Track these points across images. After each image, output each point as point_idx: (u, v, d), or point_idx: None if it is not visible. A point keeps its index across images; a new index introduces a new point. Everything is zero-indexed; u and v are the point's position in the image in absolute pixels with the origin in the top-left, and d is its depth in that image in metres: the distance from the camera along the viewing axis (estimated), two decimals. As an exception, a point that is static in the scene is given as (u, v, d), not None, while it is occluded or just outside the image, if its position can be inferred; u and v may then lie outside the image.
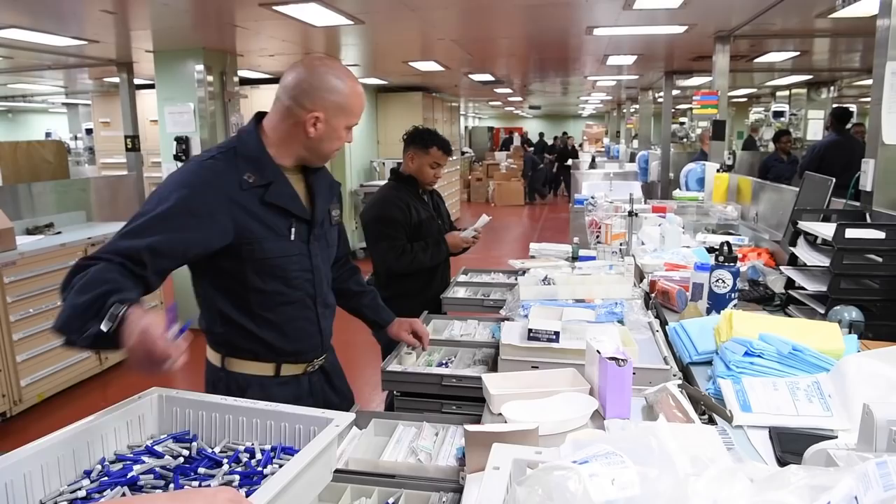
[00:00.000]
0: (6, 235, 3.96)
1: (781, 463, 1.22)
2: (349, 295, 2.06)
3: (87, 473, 1.07)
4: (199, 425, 1.23)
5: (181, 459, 1.12)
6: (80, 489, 1.02)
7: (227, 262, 1.60)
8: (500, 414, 1.42)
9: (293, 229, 1.66)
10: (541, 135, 21.74)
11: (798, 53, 6.90)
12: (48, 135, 13.43)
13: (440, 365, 2.04)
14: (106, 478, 1.05)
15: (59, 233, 4.66)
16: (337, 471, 1.28)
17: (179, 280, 5.81)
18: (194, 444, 1.17)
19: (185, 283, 1.71)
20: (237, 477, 1.07)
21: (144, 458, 1.11)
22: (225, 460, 1.12)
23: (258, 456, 1.14)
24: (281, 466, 1.00)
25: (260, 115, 1.70)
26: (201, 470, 1.09)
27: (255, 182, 1.59)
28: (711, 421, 1.41)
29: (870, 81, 2.68)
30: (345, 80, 1.62)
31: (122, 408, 1.19)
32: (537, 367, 1.71)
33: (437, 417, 1.59)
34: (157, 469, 1.08)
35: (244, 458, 1.14)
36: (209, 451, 1.16)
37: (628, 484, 0.73)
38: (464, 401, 1.85)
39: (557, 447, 0.99)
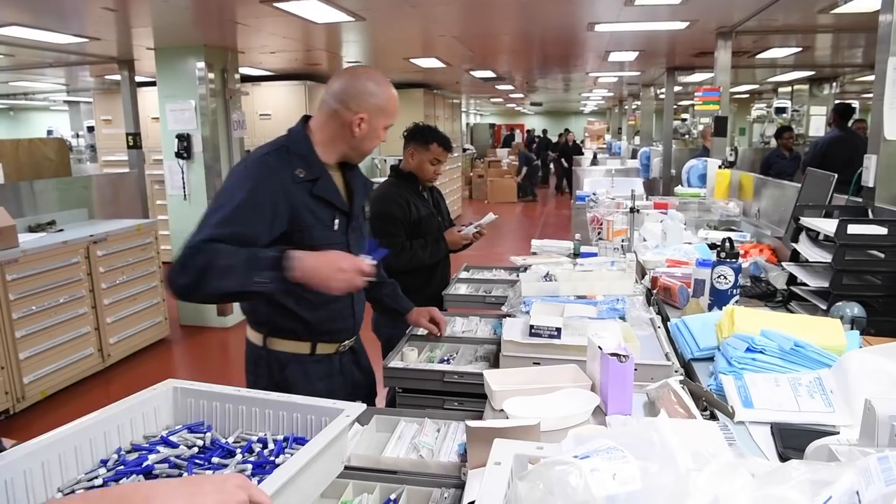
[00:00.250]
0: (8, 233, 3.96)
1: (783, 458, 1.22)
2: (370, 285, 2.09)
3: (104, 462, 1.09)
4: (214, 416, 1.25)
5: (195, 449, 1.14)
6: (96, 477, 1.04)
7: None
8: (502, 410, 1.42)
9: (336, 221, 1.84)
10: (544, 132, 21.68)
11: (800, 49, 6.88)
12: (50, 132, 13.45)
13: (442, 361, 2.04)
14: (122, 466, 1.07)
15: (61, 230, 4.67)
16: (339, 467, 1.29)
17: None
18: (208, 434, 1.18)
19: None
20: (249, 466, 1.08)
21: (159, 448, 1.12)
22: (238, 450, 1.14)
23: (270, 446, 1.15)
24: (292, 456, 1.01)
25: (306, 118, 1.90)
26: (215, 459, 1.11)
27: (305, 177, 1.77)
28: (713, 417, 1.41)
29: (872, 77, 2.67)
30: (383, 85, 1.85)
31: (138, 399, 1.20)
32: (539, 364, 1.71)
33: (438, 414, 1.59)
34: (172, 458, 1.09)
35: (257, 448, 1.15)
36: (223, 441, 1.17)
37: (629, 479, 0.73)
38: (465, 397, 1.86)
39: (559, 443, 1.00)
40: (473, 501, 0.95)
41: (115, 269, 4.72)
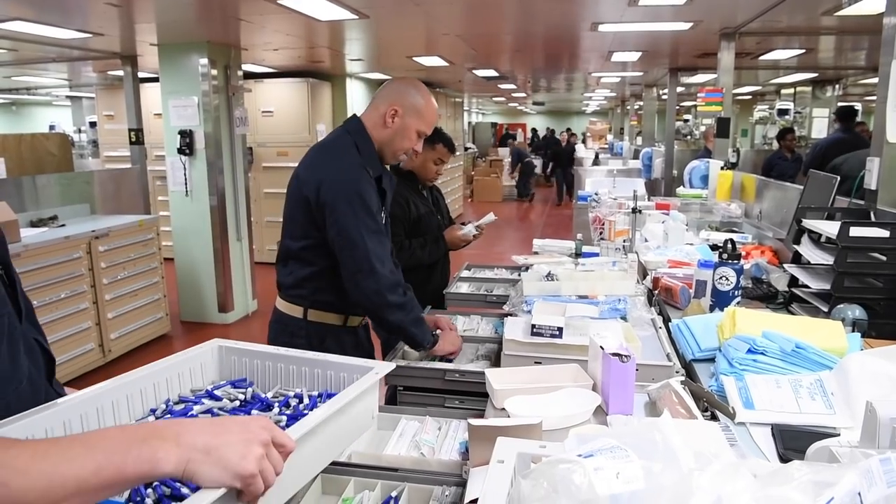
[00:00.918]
0: (11, 228, 3.96)
1: (784, 460, 1.23)
2: None
3: (153, 411, 1.17)
4: (255, 373, 1.32)
5: (237, 402, 1.20)
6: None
7: None
8: (504, 409, 1.42)
9: (384, 213, 2.04)
10: (551, 131, 21.40)
11: (803, 51, 6.88)
12: (52, 128, 13.47)
13: (443, 360, 2.05)
14: (168, 415, 1.15)
15: (63, 225, 4.67)
16: (340, 464, 1.29)
17: (182, 276, 5.83)
18: (249, 389, 1.25)
19: (186, 278, 1.76)
20: (284, 419, 1.14)
21: (204, 400, 1.20)
22: (276, 404, 1.21)
23: (305, 401, 1.21)
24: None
25: (356, 117, 2.05)
26: (254, 412, 1.17)
27: (373, 174, 1.98)
28: (714, 418, 1.41)
29: (875, 80, 2.67)
30: (425, 94, 2.03)
31: (186, 355, 1.27)
32: (540, 363, 1.72)
33: (439, 412, 1.60)
34: (215, 409, 1.16)
35: (293, 402, 1.21)
36: (262, 395, 1.23)
37: (633, 478, 0.73)
38: (467, 396, 1.86)
39: (561, 442, 1.00)
40: (475, 500, 0.96)
41: (116, 264, 4.72)
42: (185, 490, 0.87)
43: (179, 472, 0.73)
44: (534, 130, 24.47)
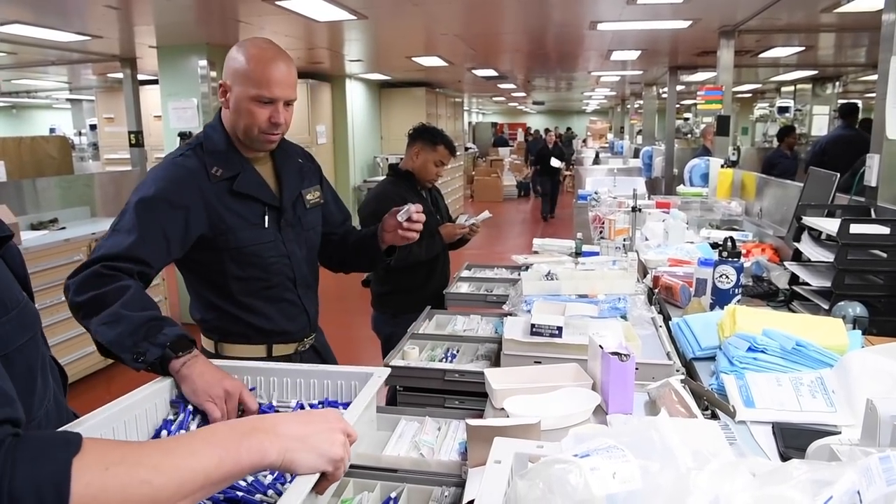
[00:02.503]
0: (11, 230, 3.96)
1: (784, 458, 1.22)
2: (358, 243, 2.03)
3: (158, 432, 1.22)
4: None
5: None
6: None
7: (207, 254, 1.66)
8: (503, 409, 1.42)
9: (267, 217, 1.70)
10: (536, 132, 21.31)
11: (803, 48, 6.87)
12: (52, 130, 13.46)
13: (443, 360, 2.04)
14: (182, 430, 1.20)
15: (63, 228, 4.67)
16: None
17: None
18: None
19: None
20: None
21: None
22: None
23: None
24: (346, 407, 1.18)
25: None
26: None
27: (223, 175, 1.64)
28: (714, 416, 1.41)
29: (875, 77, 2.67)
30: (250, 48, 1.59)
31: (168, 381, 1.30)
32: (540, 363, 1.71)
33: (439, 412, 1.59)
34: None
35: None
36: (267, 404, 1.27)
37: (629, 478, 0.73)
38: (466, 396, 1.85)
39: (559, 442, 0.99)
40: (473, 500, 0.95)
41: (116, 267, 4.72)
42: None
43: (280, 460, 0.79)
44: (526, 131, 24.39)
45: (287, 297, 1.77)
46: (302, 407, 1.24)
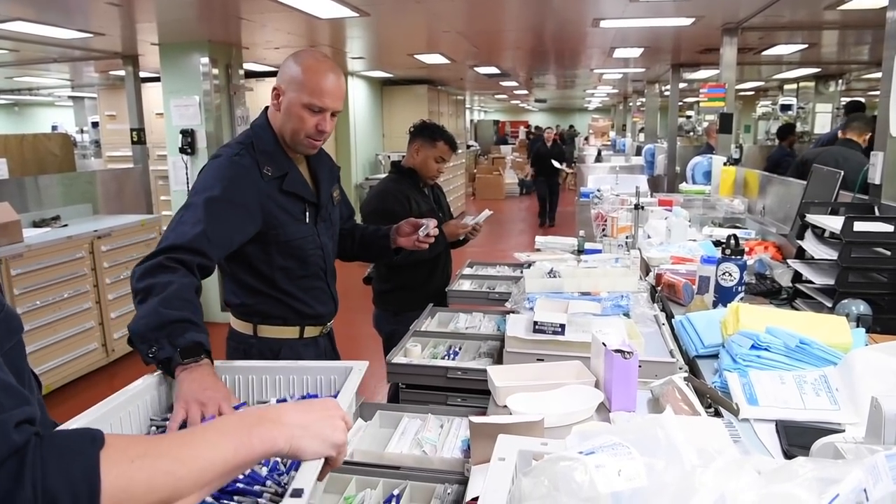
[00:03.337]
0: (13, 228, 3.97)
1: (788, 456, 1.22)
2: (366, 238, 2.28)
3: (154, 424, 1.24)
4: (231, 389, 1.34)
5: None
6: None
7: (256, 246, 1.79)
8: (506, 406, 1.42)
9: (307, 213, 1.86)
10: (538, 129, 21.15)
11: (806, 46, 6.85)
12: (55, 128, 13.46)
13: (445, 357, 2.04)
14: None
15: (65, 225, 4.68)
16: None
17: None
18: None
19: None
20: None
21: None
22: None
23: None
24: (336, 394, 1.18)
25: (267, 107, 1.86)
26: None
27: (273, 174, 1.77)
28: (717, 414, 1.40)
29: (879, 74, 2.66)
30: (306, 58, 1.73)
31: (152, 378, 1.27)
32: (543, 360, 1.71)
33: (441, 410, 1.59)
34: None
35: None
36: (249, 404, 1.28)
37: (635, 475, 0.73)
38: (469, 393, 1.85)
39: (563, 439, 0.99)
40: (476, 497, 0.95)
41: (119, 264, 4.73)
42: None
43: (287, 447, 0.82)
44: (528, 129, 24.30)
45: (318, 284, 1.94)
46: (285, 401, 1.24)
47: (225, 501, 1.01)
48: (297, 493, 0.81)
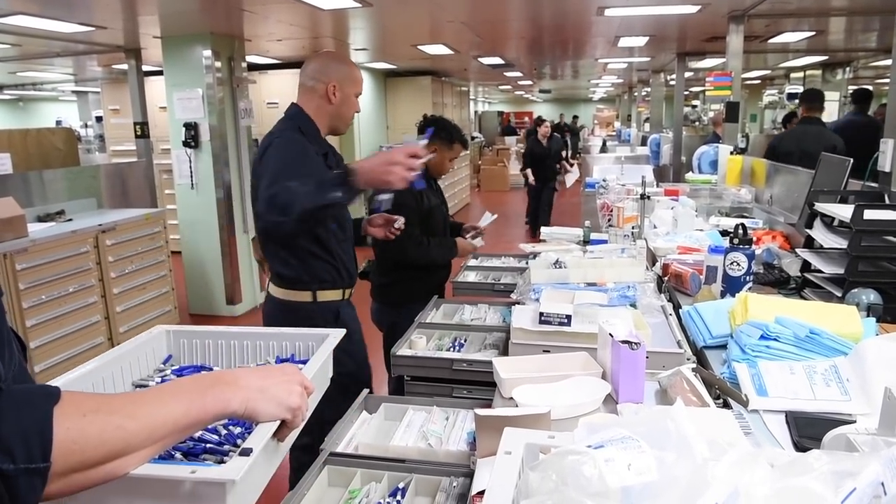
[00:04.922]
0: (18, 222, 3.96)
1: (798, 447, 1.20)
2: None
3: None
4: (206, 355, 1.30)
5: None
6: None
7: None
8: (512, 398, 1.40)
9: None
10: (535, 122, 20.81)
11: (813, 33, 6.77)
12: (59, 123, 13.46)
13: (450, 349, 2.03)
14: None
15: (70, 220, 4.67)
16: (347, 455, 1.28)
17: (190, 268, 5.83)
18: (216, 369, 1.25)
19: (194, 271, 1.76)
20: None
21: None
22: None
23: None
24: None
25: (295, 104, 2.18)
26: None
27: (318, 152, 2.10)
28: (726, 405, 1.39)
29: (887, 62, 2.62)
30: (346, 59, 2.26)
31: (134, 343, 1.24)
32: (549, 351, 1.69)
33: (447, 402, 1.58)
34: None
35: None
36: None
37: (645, 469, 0.71)
38: (474, 385, 1.84)
39: (570, 431, 0.98)
40: (483, 491, 0.94)
41: (124, 258, 4.72)
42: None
43: (242, 409, 0.85)
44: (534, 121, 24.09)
45: (350, 250, 2.26)
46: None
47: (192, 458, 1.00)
48: (246, 453, 0.82)
